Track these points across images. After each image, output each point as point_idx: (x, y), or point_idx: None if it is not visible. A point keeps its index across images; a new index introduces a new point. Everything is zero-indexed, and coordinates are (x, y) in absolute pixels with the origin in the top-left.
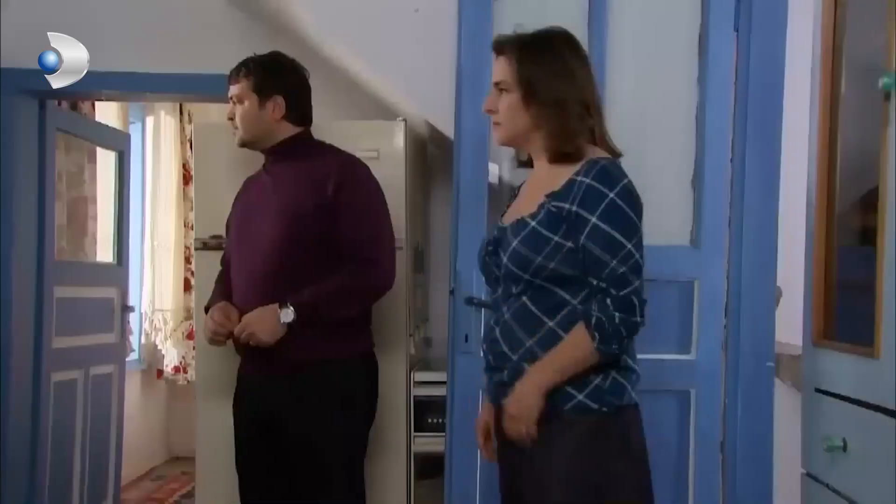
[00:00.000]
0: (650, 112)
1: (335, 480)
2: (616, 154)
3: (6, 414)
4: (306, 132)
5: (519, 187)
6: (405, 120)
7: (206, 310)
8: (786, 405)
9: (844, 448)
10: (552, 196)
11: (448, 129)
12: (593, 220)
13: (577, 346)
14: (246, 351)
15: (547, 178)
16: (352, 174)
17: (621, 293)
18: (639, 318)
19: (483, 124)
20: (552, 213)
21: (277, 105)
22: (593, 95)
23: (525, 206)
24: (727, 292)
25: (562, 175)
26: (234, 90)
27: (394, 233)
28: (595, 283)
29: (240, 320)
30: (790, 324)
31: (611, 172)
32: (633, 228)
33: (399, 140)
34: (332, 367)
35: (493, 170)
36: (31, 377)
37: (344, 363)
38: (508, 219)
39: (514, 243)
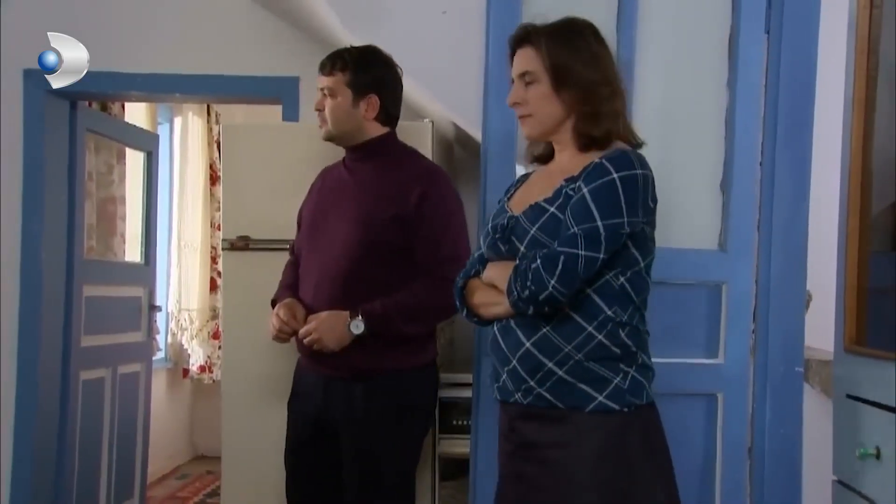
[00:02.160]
0: (679, 114)
1: (389, 487)
2: (638, 143)
3: (36, 411)
4: (392, 133)
5: (524, 176)
6: (432, 121)
7: (273, 303)
8: (815, 410)
9: (878, 455)
10: (570, 180)
11: (475, 131)
12: (585, 190)
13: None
14: (309, 351)
15: (568, 165)
16: (435, 187)
17: (557, 250)
18: (552, 291)
19: (510, 125)
20: (569, 197)
21: (371, 104)
22: (617, 80)
23: (539, 193)
24: (756, 296)
25: (584, 161)
26: (326, 82)
27: (470, 248)
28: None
29: (306, 319)
30: (820, 328)
31: (629, 159)
32: (615, 212)
33: (426, 141)
34: (397, 376)
35: (520, 171)
36: (59, 375)
37: (409, 373)
38: (517, 206)
39: (533, 230)
